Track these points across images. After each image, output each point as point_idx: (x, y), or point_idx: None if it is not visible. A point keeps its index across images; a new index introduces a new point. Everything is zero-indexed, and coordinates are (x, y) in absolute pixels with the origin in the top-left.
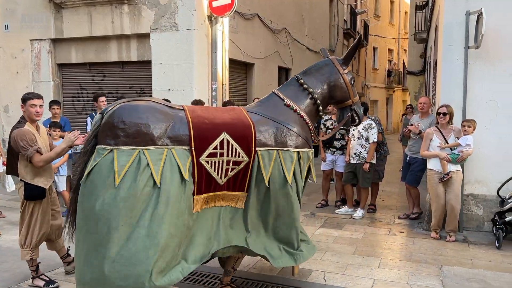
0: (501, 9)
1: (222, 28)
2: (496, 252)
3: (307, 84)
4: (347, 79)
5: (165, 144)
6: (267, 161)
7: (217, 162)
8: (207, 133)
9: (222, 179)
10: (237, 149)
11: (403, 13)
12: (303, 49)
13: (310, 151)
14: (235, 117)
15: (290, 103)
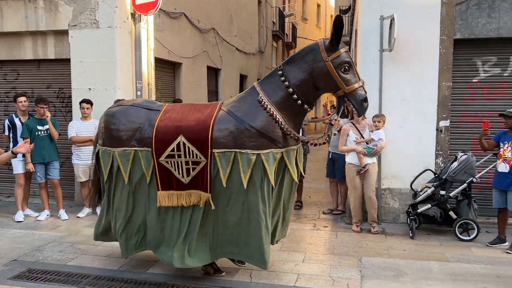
0: (411, 15)
1: (147, 26)
2: (410, 242)
3: (285, 75)
4: (331, 67)
5: (133, 146)
6: (225, 163)
7: (176, 162)
8: (165, 136)
9: (186, 178)
10: (193, 151)
11: (329, 17)
12: (232, 49)
13: (279, 151)
14: (201, 118)
15: (262, 99)
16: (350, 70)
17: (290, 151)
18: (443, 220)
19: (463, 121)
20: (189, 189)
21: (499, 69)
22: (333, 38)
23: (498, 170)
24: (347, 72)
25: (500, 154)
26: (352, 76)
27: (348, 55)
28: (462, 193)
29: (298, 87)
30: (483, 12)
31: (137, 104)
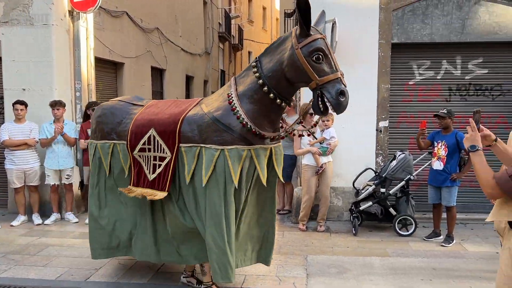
0: (351, 20)
1: (86, 25)
2: (353, 239)
3: (259, 66)
4: (300, 55)
5: (113, 139)
6: (190, 158)
7: (146, 157)
8: (139, 129)
9: (151, 175)
10: (161, 145)
11: (275, 20)
12: (177, 50)
13: (245, 148)
14: (176, 111)
15: (231, 92)
16: (325, 60)
17: (259, 150)
18: (383, 217)
19: (401, 122)
20: (150, 188)
21: (433, 72)
22: (301, 23)
23: (433, 167)
24: (321, 61)
25: (434, 152)
26: (327, 66)
27: (323, 43)
28: (400, 190)
29: (270, 79)
30: (418, 18)
31: (125, 99)
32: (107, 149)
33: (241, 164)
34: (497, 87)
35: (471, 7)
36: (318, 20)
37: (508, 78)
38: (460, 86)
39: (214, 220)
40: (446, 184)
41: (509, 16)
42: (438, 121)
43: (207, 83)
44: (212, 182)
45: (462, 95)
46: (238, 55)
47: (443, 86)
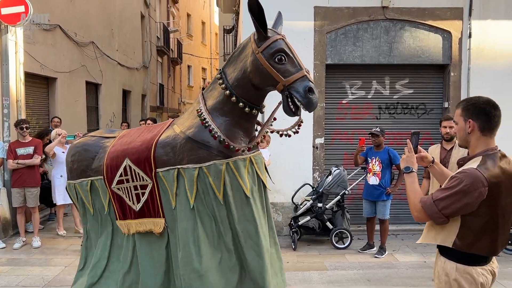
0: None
1: (15, 39)
2: (293, 254)
3: (223, 77)
4: (262, 59)
5: (89, 176)
6: (171, 181)
7: (126, 188)
8: (114, 161)
9: (137, 205)
10: (139, 173)
11: (214, 35)
12: (114, 64)
13: (222, 162)
14: (149, 137)
15: (201, 108)
16: (288, 59)
17: (238, 162)
18: (321, 231)
19: (335, 138)
20: (140, 218)
21: (364, 92)
22: (256, 26)
23: (369, 183)
24: (283, 62)
25: (369, 168)
26: (291, 66)
27: (283, 43)
28: (336, 204)
29: (236, 88)
30: (349, 41)
31: (96, 134)
32: (85, 187)
33: (222, 178)
34: (421, 105)
35: (397, 32)
36: (276, 22)
37: (431, 97)
38: (389, 105)
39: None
40: (382, 198)
41: (430, 41)
42: (372, 139)
43: (145, 98)
44: (199, 203)
45: (391, 113)
46: (177, 69)
47: (374, 105)
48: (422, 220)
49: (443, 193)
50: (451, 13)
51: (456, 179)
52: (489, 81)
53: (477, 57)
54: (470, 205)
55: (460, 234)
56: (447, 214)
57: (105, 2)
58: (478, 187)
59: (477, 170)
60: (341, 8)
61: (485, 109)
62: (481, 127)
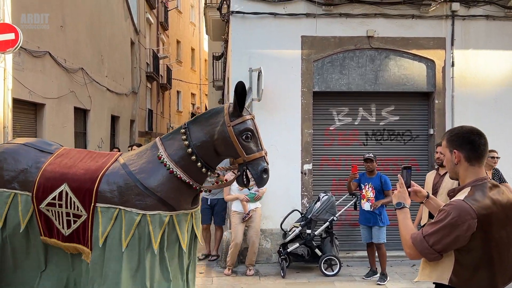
0: (276, 68)
1: (4, 65)
2: (281, 281)
3: (188, 134)
4: (232, 133)
5: (14, 188)
6: (107, 219)
7: (57, 212)
8: (49, 182)
9: (66, 230)
10: (75, 202)
11: (204, 61)
12: (103, 90)
13: (167, 214)
14: (93, 167)
15: (162, 155)
16: (253, 139)
17: (181, 216)
18: (310, 257)
19: (323, 164)
20: (70, 242)
21: (351, 119)
22: (235, 104)
23: (363, 208)
24: (249, 140)
25: (363, 194)
26: (254, 145)
27: (252, 123)
28: (325, 231)
29: (198, 148)
30: (336, 69)
31: (30, 144)
32: (6, 198)
33: (162, 230)
34: (407, 132)
35: (382, 60)
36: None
37: (416, 124)
38: (376, 131)
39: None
40: (377, 224)
41: (415, 69)
42: (366, 164)
43: (133, 123)
44: (130, 248)
45: (378, 139)
46: (166, 94)
47: (360, 131)
48: (415, 257)
49: (432, 228)
50: (434, 43)
51: (444, 212)
52: (472, 108)
53: (460, 85)
54: (461, 239)
55: (455, 270)
56: (439, 250)
57: (95, 29)
58: (466, 220)
59: (464, 202)
60: (328, 38)
61: (469, 138)
62: (467, 157)
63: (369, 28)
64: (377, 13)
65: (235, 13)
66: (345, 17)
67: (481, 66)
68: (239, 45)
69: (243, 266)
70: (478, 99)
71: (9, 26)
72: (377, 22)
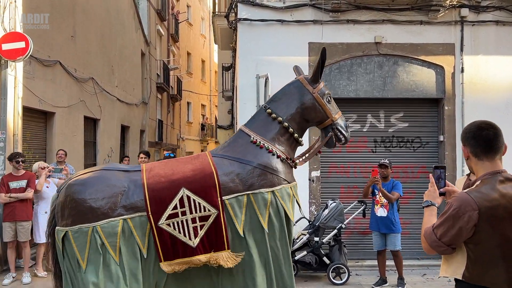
0: (283, 75)
1: (15, 73)
2: None
3: (275, 112)
4: (319, 98)
5: (120, 215)
6: (238, 209)
7: (180, 222)
8: (163, 193)
9: (194, 240)
10: (200, 203)
11: (214, 72)
12: (113, 100)
13: (288, 186)
14: (197, 166)
15: (256, 139)
16: (332, 100)
17: (295, 187)
18: (318, 266)
19: (332, 172)
20: (198, 254)
21: (359, 125)
22: (317, 72)
23: (377, 214)
24: (330, 102)
25: (377, 200)
26: (334, 106)
27: (327, 88)
28: (333, 238)
29: (290, 122)
30: (344, 75)
31: (109, 167)
32: (115, 228)
33: (291, 202)
34: (417, 139)
35: (391, 67)
36: None
37: (426, 131)
38: (384, 138)
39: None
40: (392, 231)
41: (424, 76)
42: (381, 170)
43: (143, 133)
44: (271, 228)
45: (387, 146)
46: (176, 105)
47: (369, 138)
48: (428, 251)
49: (439, 220)
50: (443, 49)
51: (448, 204)
52: (483, 114)
53: (470, 91)
54: (464, 230)
55: (468, 265)
56: (447, 243)
57: (106, 40)
58: (466, 211)
59: (466, 194)
60: (335, 44)
61: (474, 133)
62: (474, 153)
63: (377, 34)
64: (385, 19)
65: (243, 20)
66: (353, 24)
67: (491, 71)
68: (246, 52)
69: None
70: (488, 105)
71: (20, 35)
72: (385, 28)
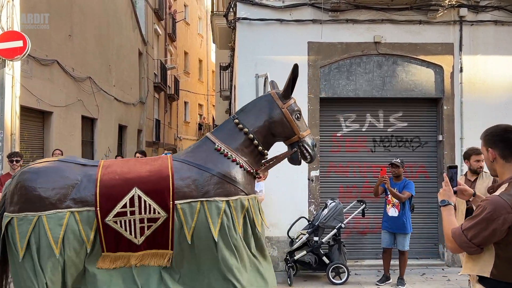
0: (282, 74)
1: (12, 73)
2: None
3: (242, 123)
4: (287, 114)
5: (68, 207)
6: (189, 215)
7: (128, 221)
8: (114, 190)
9: (139, 239)
10: (151, 204)
11: (211, 72)
12: (110, 99)
13: (245, 198)
14: (155, 168)
15: (221, 147)
16: (301, 118)
17: (254, 199)
18: (317, 265)
19: (331, 171)
20: (143, 250)
21: (358, 125)
22: (288, 88)
23: (388, 214)
24: (299, 119)
25: (388, 200)
26: (303, 124)
27: (297, 105)
28: (333, 238)
29: (257, 134)
30: (343, 75)
31: (65, 159)
32: (60, 220)
33: (243, 213)
34: (416, 139)
35: (390, 66)
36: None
37: (425, 130)
38: (383, 138)
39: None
40: (402, 231)
41: (423, 75)
42: (392, 170)
43: (141, 133)
44: (221, 236)
45: (386, 146)
46: (174, 105)
47: (368, 138)
48: (455, 250)
49: (470, 223)
50: (442, 48)
51: (480, 207)
52: (482, 114)
53: (469, 90)
54: (498, 232)
55: (496, 263)
56: (478, 243)
57: (103, 39)
58: (501, 214)
59: (499, 197)
60: (334, 44)
61: (503, 136)
62: (502, 155)
63: (376, 34)
64: (384, 19)
65: (242, 19)
66: (352, 23)
67: (490, 71)
68: (245, 51)
69: None
70: (487, 105)
71: (18, 34)
72: (384, 28)
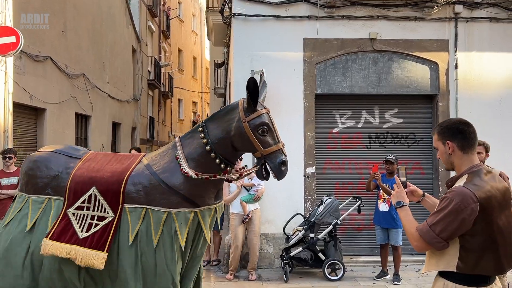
0: (278, 71)
1: (5, 69)
2: (284, 286)
3: (205, 132)
4: (247, 128)
5: (48, 194)
6: (135, 219)
7: (82, 215)
8: (79, 186)
9: (82, 233)
10: (103, 204)
11: (205, 69)
12: (104, 96)
13: (191, 211)
14: (120, 169)
15: (179, 156)
16: (269, 132)
17: (205, 211)
18: (313, 262)
19: (326, 168)
20: (81, 246)
21: (354, 121)
22: (249, 102)
23: (379, 209)
24: (265, 134)
25: (380, 195)
26: (270, 138)
27: (268, 117)
28: (329, 235)
29: (216, 146)
30: (339, 71)
31: (59, 150)
32: (40, 204)
33: (188, 226)
34: (411, 135)
35: (385, 63)
36: (261, 89)
37: (420, 127)
38: (379, 134)
39: (164, 279)
40: (394, 226)
41: (418, 72)
42: (386, 166)
43: (135, 130)
44: (160, 243)
45: (381, 142)
46: (168, 103)
47: (364, 134)
48: (423, 249)
49: (436, 217)
50: (438, 45)
51: (446, 200)
52: (477, 110)
53: (464, 87)
54: (466, 223)
55: (461, 256)
56: (446, 238)
57: (97, 36)
58: (469, 204)
59: (464, 187)
60: (330, 40)
61: (458, 127)
62: (460, 146)
63: (371, 30)
64: (379, 15)
65: (237, 15)
66: (348, 20)
67: (485, 68)
68: (241, 47)
69: (245, 271)
70: (482, 101)
71: (10, 29)
72: (380, 25)
